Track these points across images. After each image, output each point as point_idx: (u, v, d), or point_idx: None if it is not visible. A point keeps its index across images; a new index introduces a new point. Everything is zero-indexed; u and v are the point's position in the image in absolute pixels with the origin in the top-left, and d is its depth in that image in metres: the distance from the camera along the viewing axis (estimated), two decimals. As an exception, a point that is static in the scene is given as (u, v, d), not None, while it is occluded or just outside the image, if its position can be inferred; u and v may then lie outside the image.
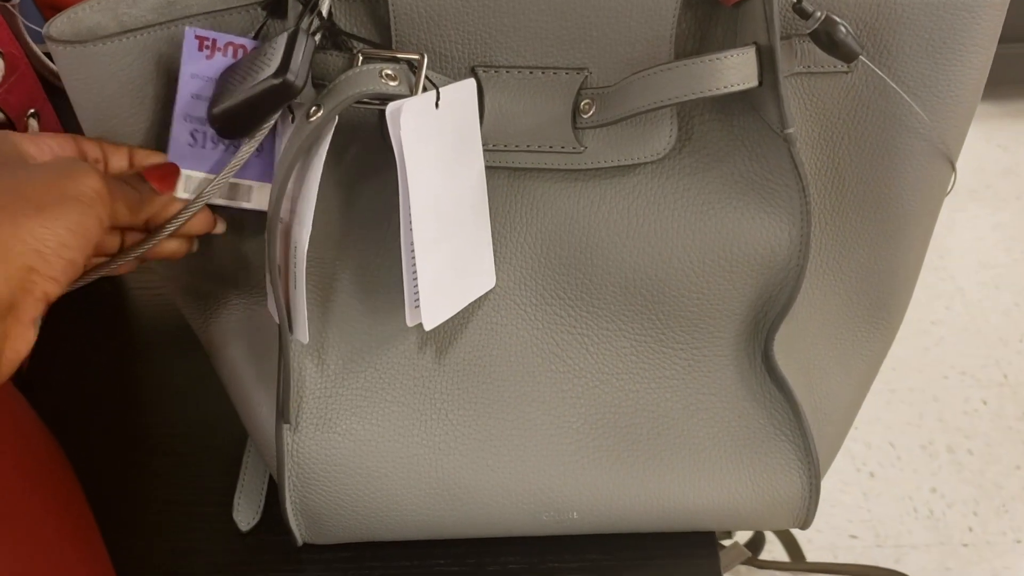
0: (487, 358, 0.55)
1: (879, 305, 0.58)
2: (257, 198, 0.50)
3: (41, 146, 0.47)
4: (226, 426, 0.63)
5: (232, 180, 0.50)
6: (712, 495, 0.56)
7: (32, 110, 0.64)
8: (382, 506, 0.54)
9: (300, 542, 0.56)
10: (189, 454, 0.63)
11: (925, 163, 0.54)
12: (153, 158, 0.50)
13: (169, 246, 0.51)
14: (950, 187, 0.57)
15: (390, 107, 0.46)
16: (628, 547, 0.58)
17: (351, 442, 0.53)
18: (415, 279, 0.49)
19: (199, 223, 0.51)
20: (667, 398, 0.56)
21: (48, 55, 0.68)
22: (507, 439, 0.55)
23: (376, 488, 0.54)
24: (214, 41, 0.49)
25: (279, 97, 0.46)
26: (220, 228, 0.53)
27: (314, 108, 0.46)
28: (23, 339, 0.41)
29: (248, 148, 0.49)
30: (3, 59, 0.60)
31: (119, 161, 0.50)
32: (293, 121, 0.49)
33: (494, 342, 0.55)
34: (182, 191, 0.50)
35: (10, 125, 0.62)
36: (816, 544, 1.61)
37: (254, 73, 0.46)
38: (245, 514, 0.59)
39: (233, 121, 0.47)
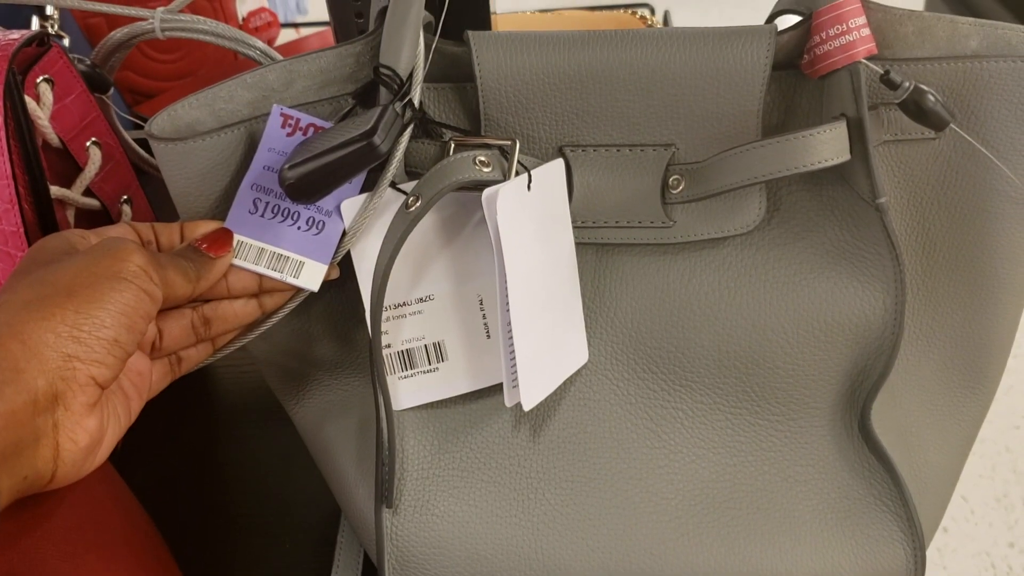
0: (582, 435, 0.54)
1: (974, 370, 0.57)
2: (306, 276, 0.51)
3: (91, 238, 0.48)
4: (317, 505, 0.63)
5: (281, 252, 0.51)
6: (815, 570, 0.55)
7: (126, 196, 0.65)
8: (481, 588, 0.54)
9: (400, 624, 0.56)
10: (279, 533, 0.63)
11: (1017, 226, 0.53)
12: (203, 227, 0.51)
13: (236, 308, 0.52)
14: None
15: (486, 193, 0.47)
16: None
17: (450, 524, 0.53)
18: (513, 359, 0.49)
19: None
20: (765, 471, 0.55)
21: (139, 141, 0.69)
22: (605, 518, 0.54)
23: (476, 570, 0.53)
24: (297, 120, 0.50)
25: (363, 159, 0.47)
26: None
27: (413, 198, 0.47)
28: (80, 427, 0.41)
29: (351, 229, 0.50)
30: (100, 148, 0.62)
31: (170, 236, 0.51)
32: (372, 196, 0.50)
33: (588, 418, 0.55)
34: (234, 258, 0.50)
35: (104, 211, 0.64)
36: (894, 603, 1.57)
37: (339, 137, 0.47)
38: (343, 597, 0.59)
39: (307, 180, 0.48)
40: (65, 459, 0.41)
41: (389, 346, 0.51)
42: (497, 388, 0.53)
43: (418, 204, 0.47)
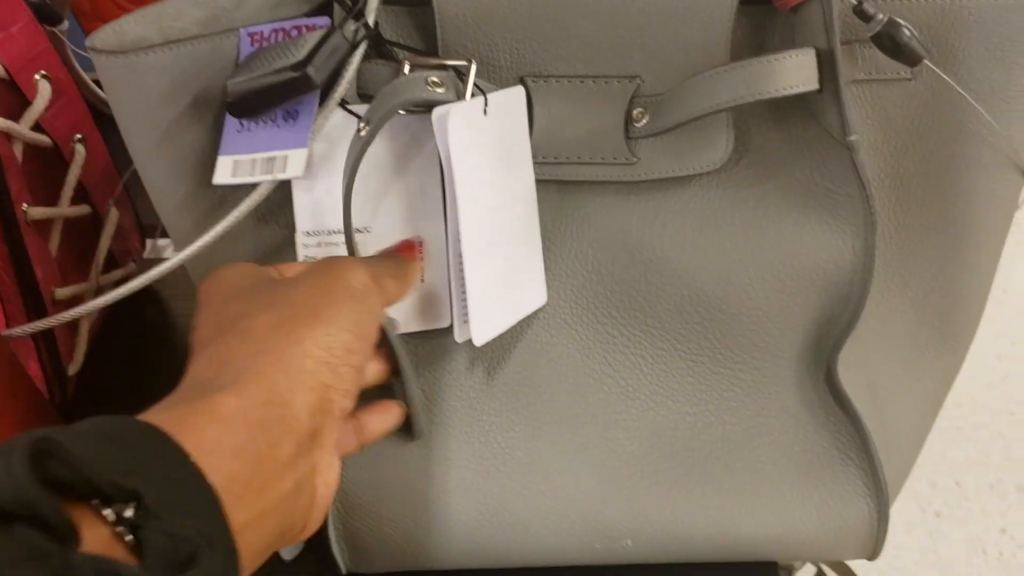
0: (536, 379, 0.53)
1: (947, 324, 0.55)
2: (292, 166, 0.49)
3: (291, 268, 0.44)
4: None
5: (268, 155, 0.49)
6: (774, 522, 0.53)
7: (79, 135, 0.64)
8: (427, 533, 0.52)
9: (344, 571, 0.54)
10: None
11: (994, 173, 0.51)
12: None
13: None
14: (1022, 199, 0.54)
15: (437, 111, 0.45)
16: (685, 577, 0.55)
17: (396, 466, 0.52)
18: (464, 292, 0.47)
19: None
20: (726, 421, 0.53)
21: (97, 82, 0.67)
22: (558, 463, 0.52)
23: (421, 514, 0.52)
24: (262, 34, 0.48)
25: (293, 89, 0.45)
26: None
27: (363, 124, 0.45)
28: (333, 469, 0.37)
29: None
30: (50, 83, 0.60)
31: None
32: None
33: (544, 362, 0.53)
34: (231, 175, 0.48)
35: (56, 149, 0.62)
36: (881, 587, 1.56)
37: (279, 60, 0.45)
38: (288, 541, 0.57)
39: (245, 101, 0.46)
40: (321, 506, 0.37)
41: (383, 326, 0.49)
42: (446, 330, 0.51)
43: (367, 128, 0.45)
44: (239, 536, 0.30)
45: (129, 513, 0.28)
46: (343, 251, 0.49)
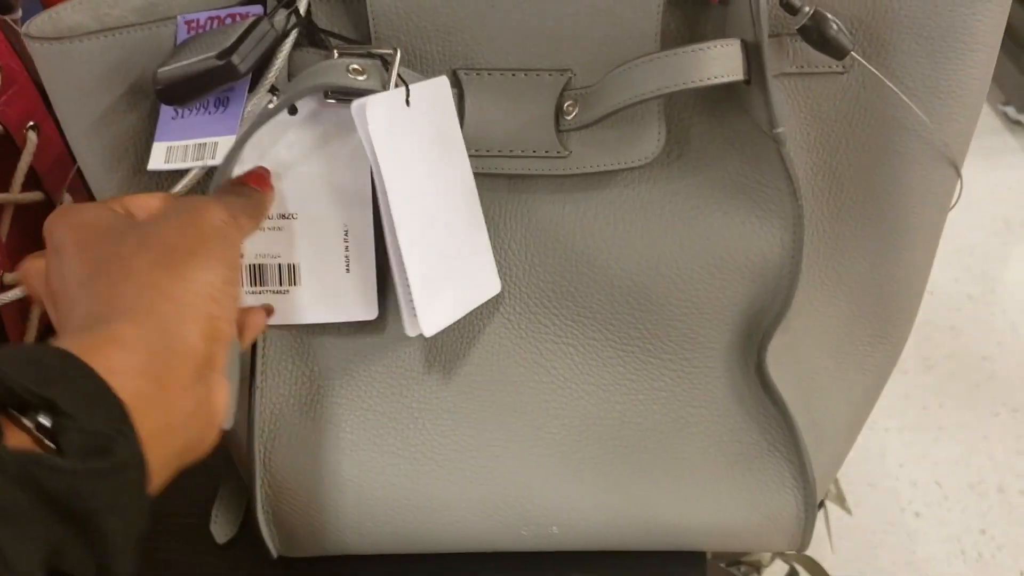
0: (468, 367, 0.53)
1: (882, 318, 0.55)
2: (221, 152, 0.49)
3: (135, 203, 0.45)
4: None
5: (200, 141, 0.49)
6: (701, 512, 0.53)
7: (31, 123, 0.64)
8: (355, 517, 0.53)
9: (274, 554, 0.55)
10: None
11: (927, 168, 0.52)
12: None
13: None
14: (956, 197, 0.55)
15: (355, 103, 0.45)
16: (613, 566, 0.55)
17: (324, 450, 0.52)
18: (408, 284, 0.48)
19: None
20: (655, 410, 0.54)
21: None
22: (486, 450, 0.53)
23: (349, 498, 0.52)
24: (198, 20, 0.49)
25: (218, 78, 0.46)
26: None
27: (271, 94, 0.46)
28: (224, 389, 0.39)
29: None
30: (0, 72, 0.61)
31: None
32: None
33: (476, 351, 0.53)
34: (164, 162, 0.49)
35: (8, 137, 0.63)
36: (858, 586, 1.57)
37: (207, 48, 0.46)
38: (223, 527, 0.57)
39: (173, 88, 0.47)
40: (215, 425, 0.39)
41: (242, 256, 0.50)
42: (381, 318, 0.52)
43: (278, 98, 0.46)
44: (146, 446, 0.32)
45: (45, 419, 0.31)
46: (269, 236, 0.50)
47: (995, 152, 1.72)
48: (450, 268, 0.50)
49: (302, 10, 0.48)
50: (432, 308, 0.49)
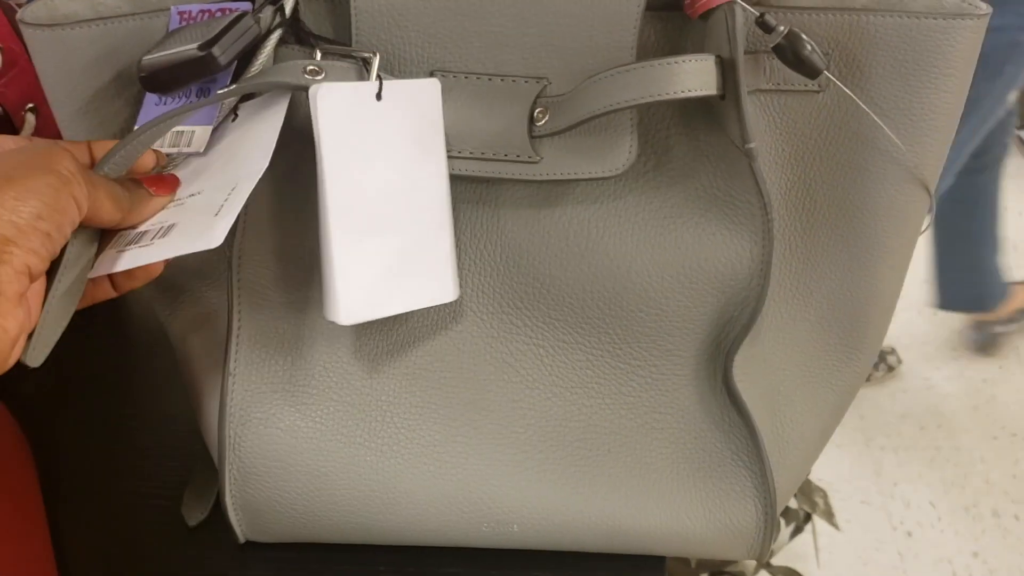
0: (438, 364, 0.54)
1: (851, 335, 0.56)
2: (198, 141, 0.50)
3: (20, 142, 0.47)
4: (193, 422, 0.63)
5: (178, 128, 0.51)
6: (661, 518, 0.54)
7: (31, 105, 0.65)
8: (320, 506, 0.54)
9: (241, 539, 0.56)
10: (152, 447, 0.64)
11: (899, 188, 0.52)
12: (108, 145, 0.49)
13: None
14: (928, 222, 0.55)
15: (312, 88, 0.47)
16: (574, 567, 0.56)
17: (293, 438, 0.53)
18: (332, 271, 0.48)
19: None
20: (621, 415, 0.55)
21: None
22: (451, 446, 0.54)
23: (315, 487, 0.53)
24: (190, 12, 0.50)
25: (198, 69, 0.47)
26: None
27: (229, 85, 0.48)
28: (12, 316, 0.39)
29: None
30: (2, 53, 0.62)
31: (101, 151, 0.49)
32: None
33: (447, 349, 0.54)
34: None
35: (7, 118, 0.64)
36: (846, 602, 1.57)
37: (192, 40, 0.47)
38: (193, 510, 0.59)
39: (156, 76, 0.48)
40: (3, 353, 0.39)
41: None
42: None
43: (230, 88, 0.47)
44: None
45: None
46: (189, 205, 0.49)
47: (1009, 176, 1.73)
48: (394, 266, 0.50)
49: (288, 9, 0.49)
50: (353, 297, 0.49)
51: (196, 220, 0.47)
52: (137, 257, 0.46)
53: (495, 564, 0.56)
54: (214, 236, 0.45)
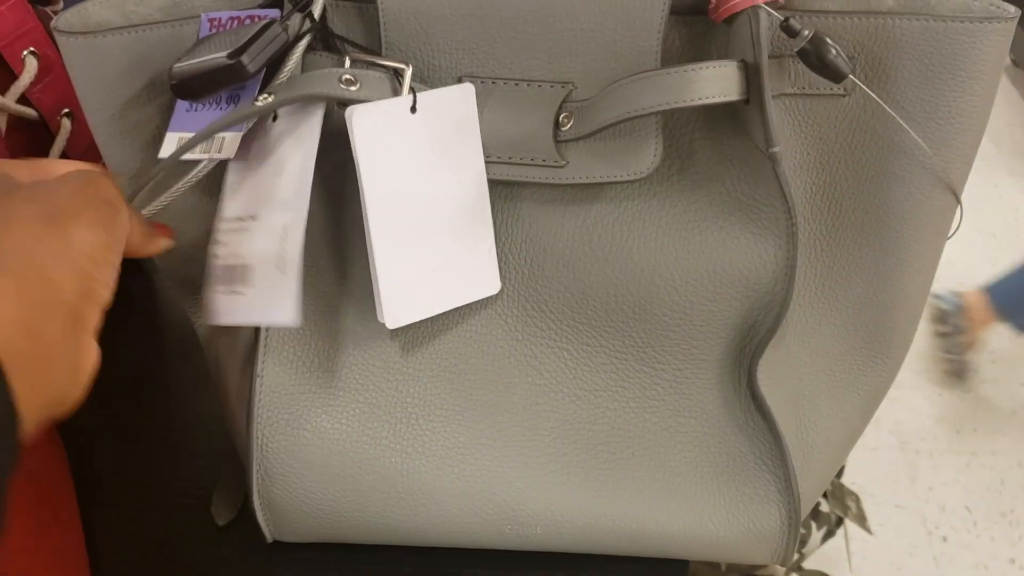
0: (463, 366, 0.55)
1: (878, 339, 0.56)
2: (228, 147, 0.51)
3: (39, 166, 0.46)
4: (222, 423, 0.64)
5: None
6: (684, 521, 0.54)
7: (66, 110, 0.67)
8: (345, 507, 0.54)
9: (269, 538, 0.57)
10: (183, 448, 0.64)
11: (926, 192, 0.52)
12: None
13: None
14: (956, 225, 0.55)
15: (348, 110, 0.47)
16: (597, 570, 0.56)
17: (319, 440, 0.54)
18: (379, 280, 0.50)
19: None
20: (645, 419, 0.55)
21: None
22: (476, 448, 0.54)
23: (340, 488, 0.54)
24: (220, 19, 0.51)
25: (228, 76, 0.48)
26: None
27: (265, 95, 0.48)
28: (94, 351, 0.40)
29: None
30: (38, 59, 0.63)
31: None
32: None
33: (472, 352, 0.55)
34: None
35: (43, 123, 0.66)
36: (880, 607, 1.56)
37: (222, 47, 0.48)
38: (223, 509, 0.59)
39: (186, 83, 0.49)
40: (81, 385, 0.40)
41: (218, 256, 0.51)
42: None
43: (268, 101, 0.48)
44: (16, 396, 0.33)
45: None
46: (253, 237, 0.51)
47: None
48: (436, 268, 0.51)
49: (316, 15, 0.50)
50: (401, 304, 0.50)
51: (265, 273, 0.50)
52: (234, 310, 0.51)
53: (517, 566, 0.56)
54: (289, 313, 0.49)
